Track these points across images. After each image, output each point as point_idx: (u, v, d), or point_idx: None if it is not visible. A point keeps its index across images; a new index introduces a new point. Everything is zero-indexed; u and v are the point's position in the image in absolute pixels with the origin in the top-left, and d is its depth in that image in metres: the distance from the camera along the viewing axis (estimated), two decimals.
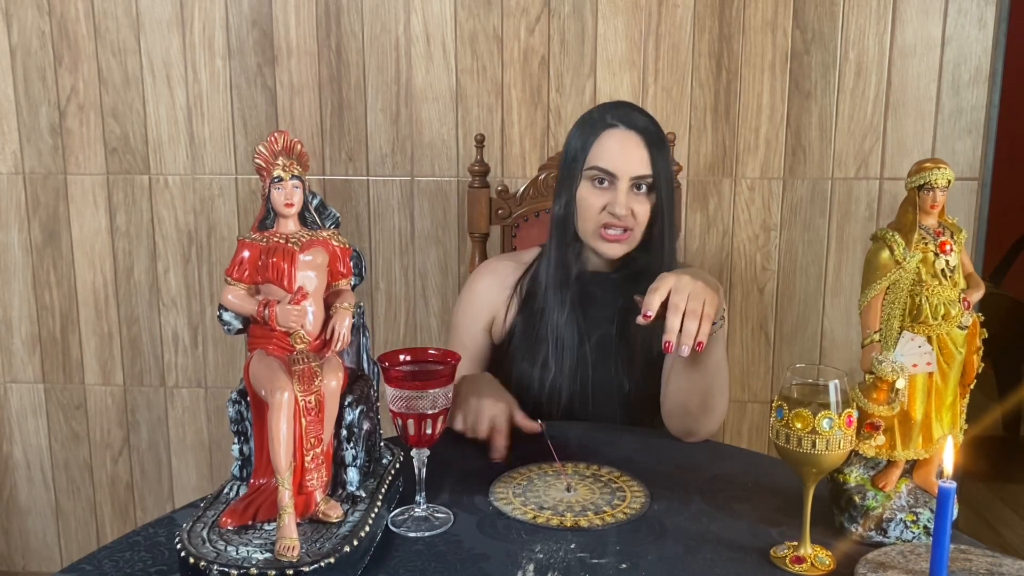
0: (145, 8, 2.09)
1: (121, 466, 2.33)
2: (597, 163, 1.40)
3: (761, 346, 2.16)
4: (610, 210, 1.39)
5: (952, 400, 1.01)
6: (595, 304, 1.47)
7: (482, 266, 1.61)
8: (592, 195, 1.41)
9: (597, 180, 1.41)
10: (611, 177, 1.39)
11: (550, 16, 2.04)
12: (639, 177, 1.39)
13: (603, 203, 1.40)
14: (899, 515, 1.00)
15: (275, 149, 0.97)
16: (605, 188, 1.40)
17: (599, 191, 1.41)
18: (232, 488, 1.00)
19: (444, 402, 1.04)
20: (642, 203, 1.40)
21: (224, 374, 2.26)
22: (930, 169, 0.97)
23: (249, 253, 0.96)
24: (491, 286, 1.53)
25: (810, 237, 2.10)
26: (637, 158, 1.39)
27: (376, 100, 2.11)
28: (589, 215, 1.41)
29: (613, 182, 1.39)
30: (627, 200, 1.39)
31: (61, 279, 2.25)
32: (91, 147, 2.17)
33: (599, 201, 1.40)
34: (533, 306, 1.48)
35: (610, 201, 1.39)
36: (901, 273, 0.97)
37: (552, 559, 0.96)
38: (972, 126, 2.03)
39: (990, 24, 1.98)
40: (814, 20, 2.01)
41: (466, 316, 1.54)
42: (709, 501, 1.11)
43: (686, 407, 1.32)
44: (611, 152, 1.40)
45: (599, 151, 1.40)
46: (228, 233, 2.18)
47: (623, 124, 1.41)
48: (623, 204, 1.38)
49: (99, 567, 0.95)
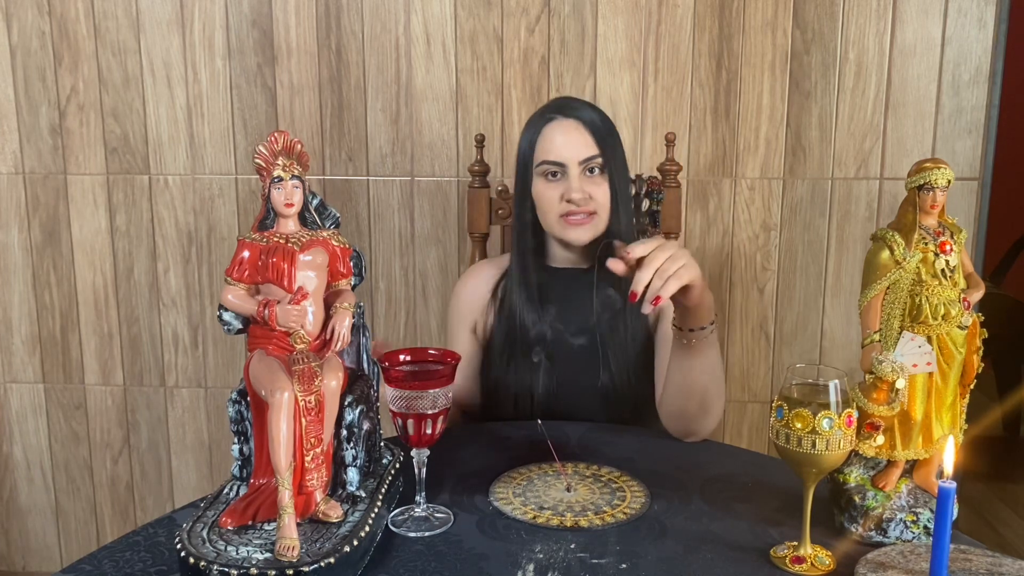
0: (145, 8, 2.09)
1: (121, 466, 2.33)
2: (544, 157, 1.45)
3: (761, 346, 2.16)
4: (566, 196, 1.43)
5: (952, 400, 1.01)
6: (569, 300, 1.50)
7: (466, 271, 1.65)
8: (547, 189, 1.45)
9: (549, 174, 1.45)
10: (560, 167, 1.43)
11: (550, 16, 2.04)
12: (587, 160, 1.43)
13: (559, 193, 1.44)
14: (899, 515, 1.00)
15: (275, 149, 0.97)
16: (558, 180, 1.44)
17: (553, 183, 1.45)
18: (232, 488, 1.00)
19: (444, 402, 1.04)
20: (598, 184, 1.44)
21: (224, 374, 2.26)
22: (930, 169, 0.97)
23: (249, 253, 0.96)
24: (473, 290, 1.57)
25: (810, 237, 2.10)
26: (580, 142, 1.43)
27: (376, 100, 2.11)
28: (549, 207, 1.45)
29: (564, 171, 1.43)
30: (581, 184, 1.42)
31: (61, 279, 2.24)
32: (91, 147, 2.17)
33: (555, 192, 1.44)
34: (506, 308, 1.51)
35: (565, 189, 1.43)
36: (901, 273, 0.97)
37: (552, 559, 0.96)
38: (972, 126, 2.03)
39: (990, 24, 1.98)
40: (814, 20, 2.01)
41: (452, 320, 1.58)
42: (709, 501, 1.11)
43: (684, 409, 1.32)
44: (554, 143, 1.44)
45: (543, 146, 1.45)
46: (228, 233, 2.18)
47: (560, 115, 1.45)
48: (577, 188, 1.42)
49: (99, 567, 0.95)
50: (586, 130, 1.44)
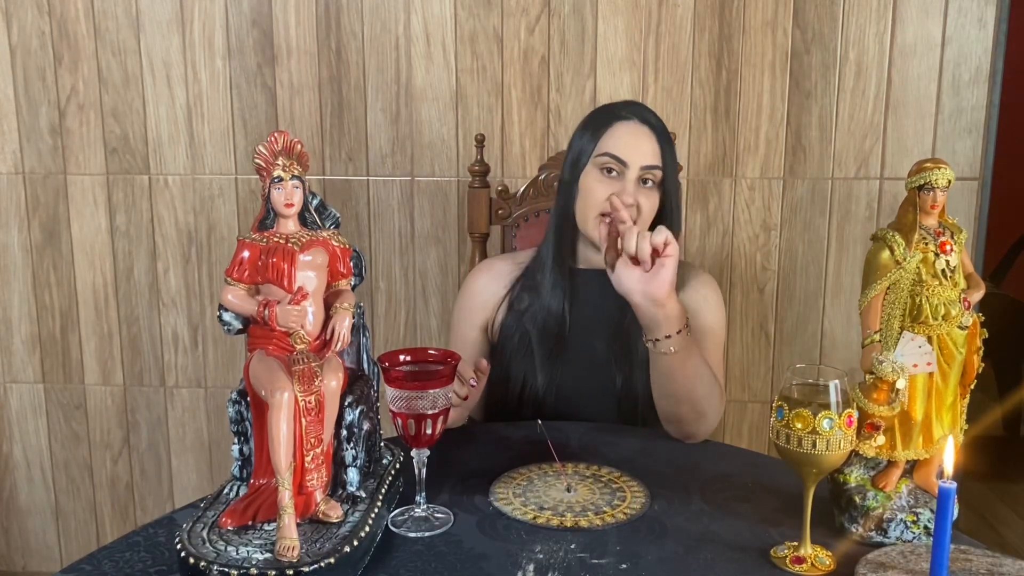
0: (145, 8, 2.09)
1: (121, 466, 2.33)
2: (608, 150, 1.40)
3: (761, 346, 2.16)
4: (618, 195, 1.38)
5: (952, 400, 1.01)
6: (590, 301, 1.47)
7: (479, 265, 1.61)
8: (599, 184, 1.40)
9: (606, 169, 1.40)
10: (621, 165, 1.39)
11: (550, 16, 2.04)
12: (648, 168, 1.39)
13: (609, 191, 1.38)
14: (899, 515, 0.99)
15: (275, 149, 0.97)
16: (613, 178, 1.40)
17: (607, 180, 1.40)
18: (232, 488, 1.00)
19: (444, 402, 1.04)
20: (648, 197, 1.40)
21: (224, 374, 2.26)
22: (930, 169, 0.97)
23: (249, 253, 0.96)
24: (488, 284, 1.52)
25: (810, 237, 2.10)
26: (648, 149, 1.40)
27: (376, 100, 2.11)
28: (592, 203, 1.40)
29: (622, 171, 1.39)
30: (634, 190, 1.38)
31: (61, 279, 2.24)
32: (91, 147, 2.17)
33: (605, 191, 1.39)
34: (524, 306, 1.48)
35: (618, 190, 1.38)
36: (901, 273, 0.97)
37: (552, 559, 0.96)
38: (972, 126, 2.03)
39: (990, 24, 1.98)
40: (814, 20, 2.01)
41: (462, 316, 1.54)
42: (709, 501, 1.11)
43: (677, 414, 1.32)
44: (623, 140, 1.40)
45: (610, 139, 1.41)
46: (228, 233, 2.18)
47: (636, 117, 1.42)
48: (631, 192, 1.37)
49: (99, 567, 0.95)
50: (656, 139, 1.41)
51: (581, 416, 1.44)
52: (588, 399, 1.46)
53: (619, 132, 1.41)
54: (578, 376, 1.45)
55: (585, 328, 1.46)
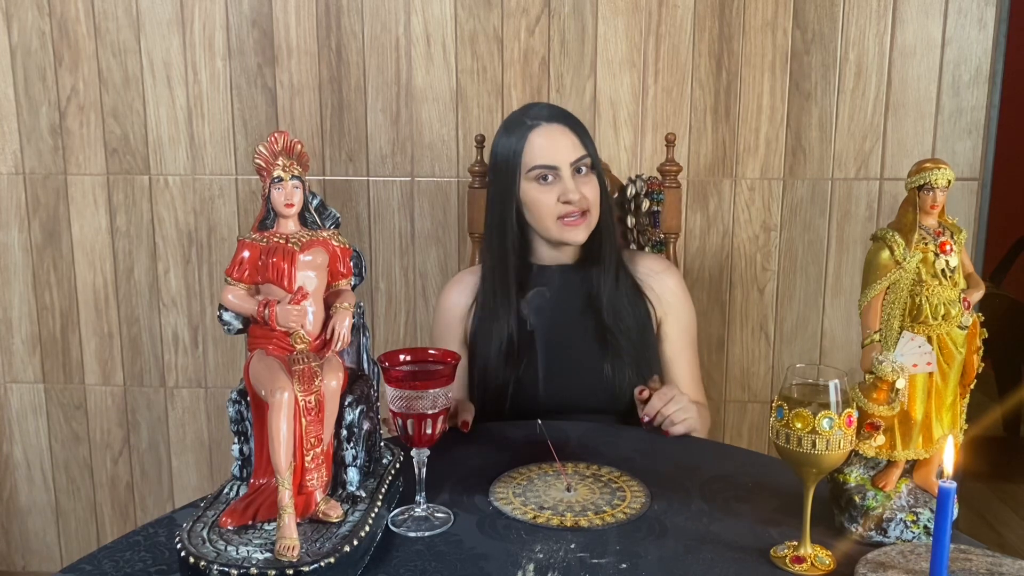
0: (145, 8, 2.09)
1: (121, 466, 2.33)
2: (535, 163, 1.45)
3: (761, 346, 2.16)
4: (563, 199, 1.44)
5: (952, 400, 1.01)
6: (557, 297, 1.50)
7: (449, 282, 1.64)
8: (541, 194, 1.46)
9: (541, 178, 1.46)
10: (553, 170, 1.45)
11: (550, 16, 2.04)
12: (577, 160, 1.46)
13: (555, 196, 1.45)
14: (899, 515, 1.00)
15: (275, 149, 0.98)
16: (551, 183, 1.46)
17: (546, 187, 1.46)
18: (232, 488, 1.00)
19: (444, 402, 1.04)
20: (587, 182, 1.47)
21: (224, 374, 2.26)
22: (930, 169, 0.97)
23: (249, 253, 0.96)
24: (458, 299, 1.56)
25: (810, 237, 2.10)
26: (568, 143, 1.46)
27: (376, 100, 2.11)
28: (545, 212, 1.46)
29: (556, 174, 1.45)
30: (576, 185, 1.45)
31: (61, 279, 2.25)
32: (91, 147, 2.17)
33: (550, 196, 1.45)
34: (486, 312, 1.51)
35: (561, 192, 1.44)
36: (901, 273, 0.97)
37: (552, 559, 0.96)
38: (972, 126, 2.03)
39: (990, 24, 1.98)
40: (814, 20, 2.01)
41: (440, 333, 1.57)
42: (709, 501, 1.11)
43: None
44: (543, 148, 1.46)
45: (533, 152, 1.46)
46: (228, 233, 2.18)
47: (543, 120, 1.47)
48: (574, 190, 1.44)
49: (99, 567, 0.95)
50: (571, 132, 1.47)
51: (578, 410, 1.45)
52: (581, 393, 1.47)
53: (538, 141, 1.46)
54: (566, 372, 1.47)
55: (561, 324, 1.49)
